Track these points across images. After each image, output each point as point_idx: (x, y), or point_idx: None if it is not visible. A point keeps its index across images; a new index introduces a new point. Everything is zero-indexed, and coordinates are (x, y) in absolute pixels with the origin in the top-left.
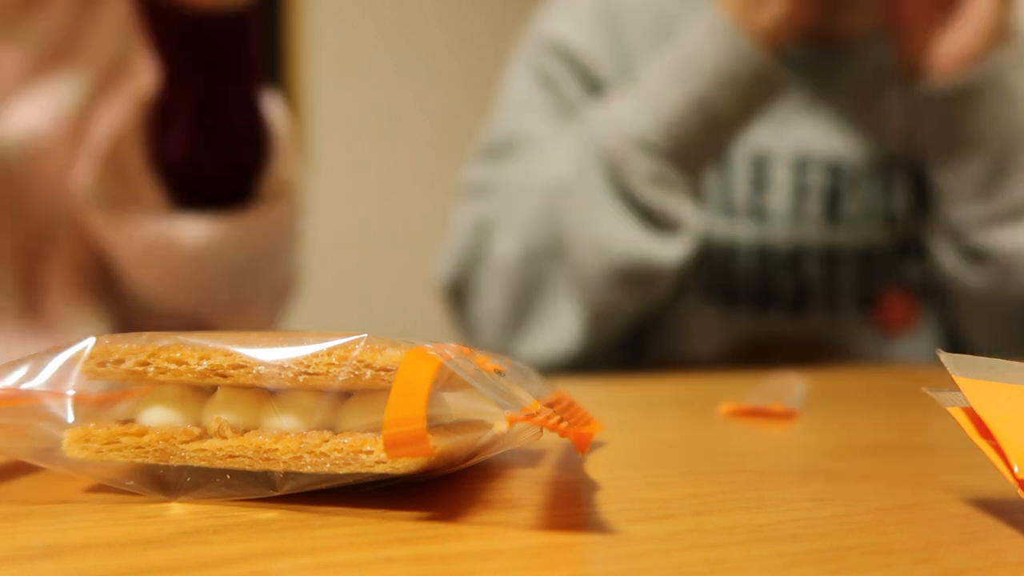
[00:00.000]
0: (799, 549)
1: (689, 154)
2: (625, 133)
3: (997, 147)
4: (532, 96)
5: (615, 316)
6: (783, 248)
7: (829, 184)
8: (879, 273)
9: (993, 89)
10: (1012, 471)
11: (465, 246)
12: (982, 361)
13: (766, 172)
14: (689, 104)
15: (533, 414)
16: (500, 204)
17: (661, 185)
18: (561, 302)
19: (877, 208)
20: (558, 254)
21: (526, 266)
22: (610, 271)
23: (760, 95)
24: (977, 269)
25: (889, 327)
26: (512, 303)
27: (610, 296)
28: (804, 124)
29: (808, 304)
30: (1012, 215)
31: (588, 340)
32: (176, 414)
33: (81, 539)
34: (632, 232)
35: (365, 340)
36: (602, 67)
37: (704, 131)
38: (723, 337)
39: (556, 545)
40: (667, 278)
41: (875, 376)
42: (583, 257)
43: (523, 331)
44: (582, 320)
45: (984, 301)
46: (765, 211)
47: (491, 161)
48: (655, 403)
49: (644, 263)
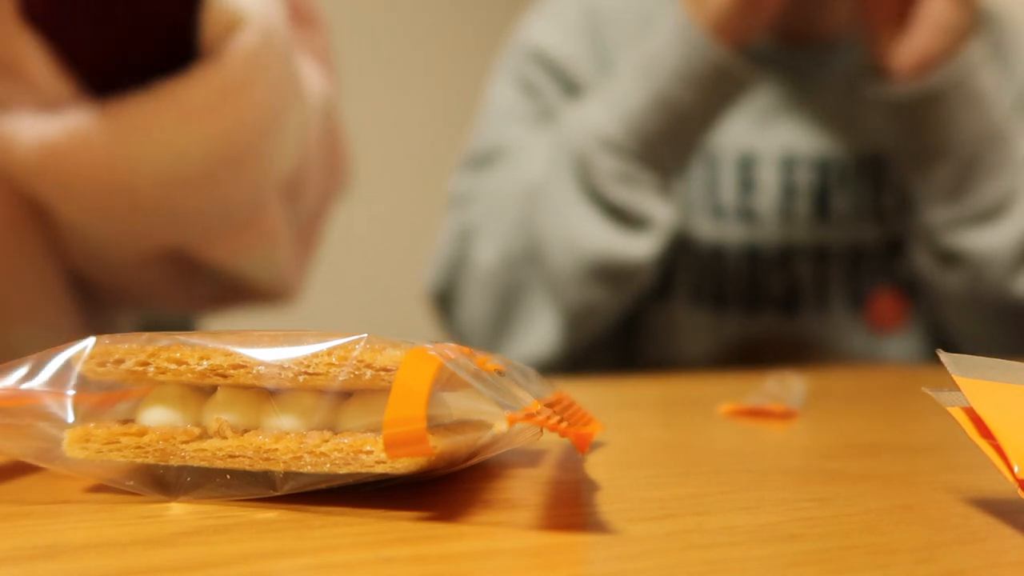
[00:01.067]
0: (799, 549)
1: (655, 152)
2: (592, 133)
3: (965, 150)
4: (514, 105)
5: (591, 315)
6: (773, 249)
7: (818, 182)
8: (869, 271)
9: (958, 92)
10: (1012, 471)
11: (449, 254)
12: (982, 361)
13: (753, 173)
14: (652, 102)
15: (533, 414)
16: (481, 211)
17: (628, 183)
18: (539, 306)
19: (866, 205)
20: (534, 257)
21: (505, 272)
22: (582, 269)
23: (723, 91)
24: (949, 271)
25: (879, 325)
26: (494, 309)
27: (584, 294)
28: (789, 124)
29: (799, 304)
30: (981, 217)
31: (567, 342)
32: (176, 414)
33: (81, 539)
34: (600, 229)
35: (365, 340)
36: (584, 74)
37: (669, 129)
38: (713, 338)
39: (556, 545)
40: (638, 274)
41: (875, 376)
42: (556, 257)
43: (505, 336)
44: (560, 322)
45: (959, 302)
46: (753, 212)
47: (475, 171)
48: (655, 403)
49: (614, 259)
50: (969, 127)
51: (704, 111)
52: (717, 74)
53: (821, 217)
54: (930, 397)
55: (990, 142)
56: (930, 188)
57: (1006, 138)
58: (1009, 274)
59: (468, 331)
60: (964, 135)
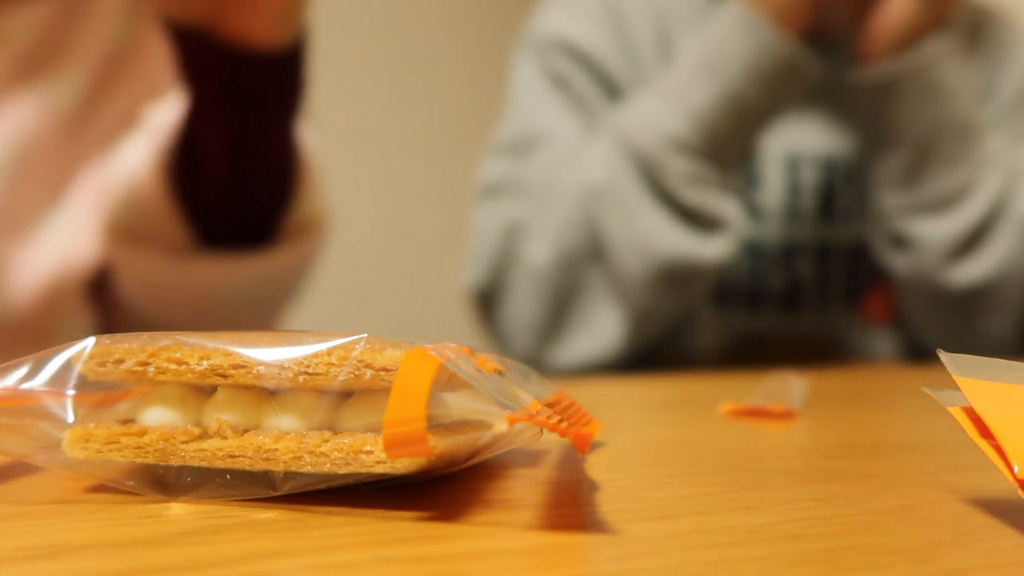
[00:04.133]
0: (799, 549)
1: (724, 151)
2: (659, 133)
3: (919, 139)
4: (545, 94)
5: (657, 317)
6: (775, 246)
7: (823, 180)
8: (867, 268)
9: (914, 82)
10: (1012, 471)
11: (495, 251)
12: (982, 361)
13: (758, 170)
14: (721, 100)
15: (533, 414)
16: (530, 208)
17: (700, 184)
18: (601, 305)
19: (869, 203)
20: (596, 257)
21: (562, 271)
22: (654, 272)
23: (792, 85)
24: (897, 255)
25: (872, 320)
26: (548, 308)
27: (653, 297)
28: (795, 122)
29: (799, 302)
30: (932, 206)
31: (630, 342)
32: (176, 414)
33: (81, 539)
34: (676, 232)
35: (365, 340)
36: (611, 62)
37: (737, 126)
38: (715, 335)
39: (556, 545)
40: (711, 276)
41: (875, 376)
42: (625, 259)
43: (561, 336)
44: (624, 322)
45: (905, 287)
46: (758, 209)
47: (510, 159)
48: (655, 403)
49: (689, 263)
50: (924, 117)
51: (772, 106)
52: (787, 68)
53: (825, 216)
54: (930, 397)
55: (949, 134)
56: (884, 173)
57: (969, 132)
58: (944, 264)
59: (515, 331)
60: (919, 125)
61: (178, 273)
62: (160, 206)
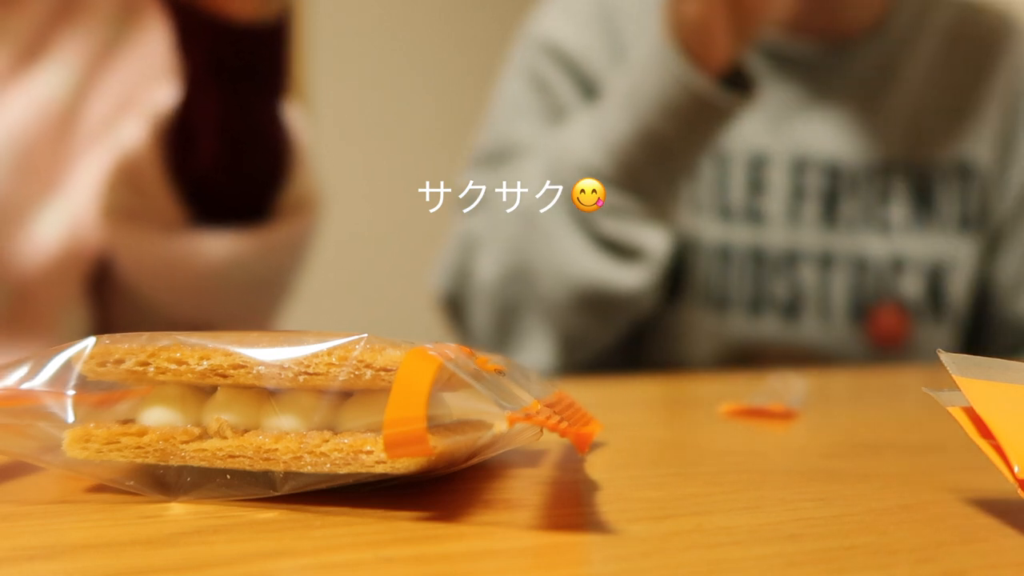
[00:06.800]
0: (799, 549)
1: (643, 182)
2: (577, 164)
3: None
4: (524, 100)
5: (584, 342)
6: (778, 252)
7: (827, 186)
8: (872, 283)
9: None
10: (1012, 471)
11: (454, 262)
12: (982, 361)
13: (763, 174)
14: (635, 134)
15: (533, 414)
16: (484, 222)
17: (617, 215)
18: (534, 326)
19: (873, 214)
20: (527, 279)
21: (503, 288)
22: (571, 296)
23: (707, 122)
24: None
25: (880, 340)
26: (494, 323)
27: (575, 323)
28: (804, 123)
29: (801, 310)
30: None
31: (562, 363)
32: (176, 414)
33: (81, 539)
34: (591, 260)
35: (365, 340)
36: (598, 67)
37: (655, 160)
38: (715, 341)
39: (556, 545)
40: (630, 304)
41: (875, 376)
42: (547, 284)
43: (509, 351)
44: (552, 345)
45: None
46: (761, 214)
47: (483, 169)
48: (655, 403)
49: (605, 290)
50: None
51: (689, 141)
52: (700, 104)
53: (828, 222)
54: (930, 397)
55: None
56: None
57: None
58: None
59: (477, 340)
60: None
61: (175, 251)
62: (155, 183)
